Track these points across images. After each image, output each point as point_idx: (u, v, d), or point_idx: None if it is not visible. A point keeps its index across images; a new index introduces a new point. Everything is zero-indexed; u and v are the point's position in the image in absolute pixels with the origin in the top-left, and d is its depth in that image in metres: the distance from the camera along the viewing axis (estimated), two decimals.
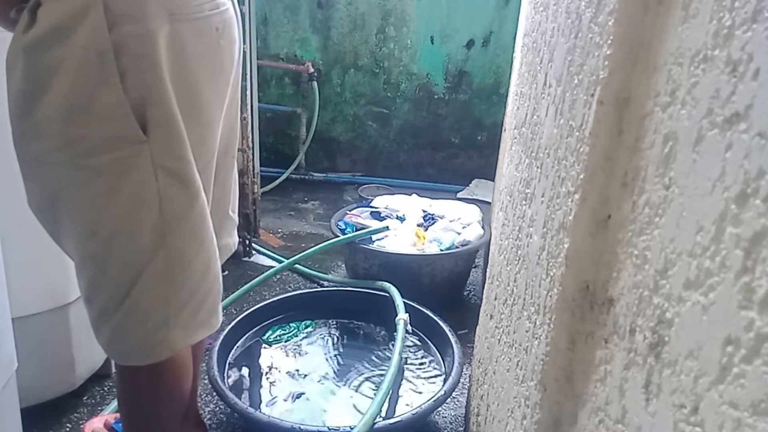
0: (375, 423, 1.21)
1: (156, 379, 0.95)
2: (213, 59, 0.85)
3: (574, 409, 0.51)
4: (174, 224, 0.81)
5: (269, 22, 3.19)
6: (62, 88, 0.73)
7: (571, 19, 0.60)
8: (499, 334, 0.94)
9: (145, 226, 0.80)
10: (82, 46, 0.72)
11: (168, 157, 0.79)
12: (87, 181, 0.78)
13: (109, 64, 0.72)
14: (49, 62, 0.73)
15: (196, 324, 0.88)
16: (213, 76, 0.86)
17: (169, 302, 0.84)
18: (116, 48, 0.72)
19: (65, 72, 0.73)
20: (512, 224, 0.91)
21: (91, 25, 0.71)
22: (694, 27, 0.35)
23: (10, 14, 0.79)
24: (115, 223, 0.80)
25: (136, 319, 0.84)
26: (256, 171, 2.33)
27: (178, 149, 0.79)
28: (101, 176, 0.77)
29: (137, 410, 1.01)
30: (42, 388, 1.37)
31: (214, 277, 0.90)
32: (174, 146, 0.79)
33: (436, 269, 1.97)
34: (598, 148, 0.48)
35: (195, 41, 0.80)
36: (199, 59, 0.82)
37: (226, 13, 0.87)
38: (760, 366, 0.26)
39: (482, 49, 3.14)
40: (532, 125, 0.81)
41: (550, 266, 0.58)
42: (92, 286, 0.84)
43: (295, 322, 1.80)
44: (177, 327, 0.85)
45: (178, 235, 0.82)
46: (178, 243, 0.82)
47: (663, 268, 0.36)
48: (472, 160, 3.38)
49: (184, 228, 0.83)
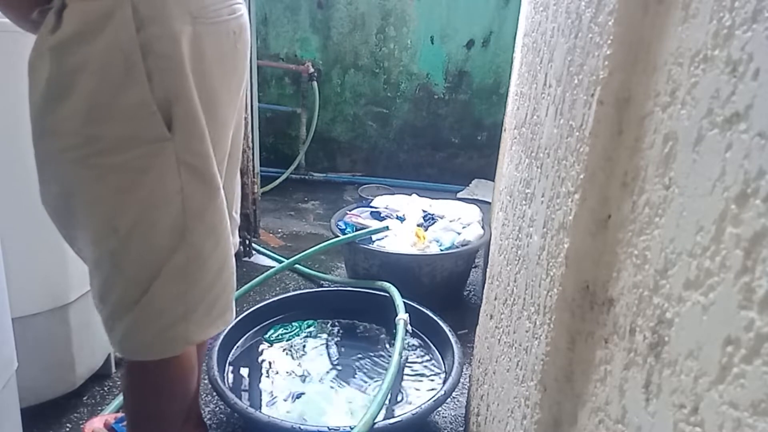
0: (375, 423, 1.21)
1: (163, 376, 0.96)
2: (229, 62, 0.88)
3: (574, 409, 0.51)
4: (195, 220, 0.83)
5: (269, 22, 3.19)
6: (87, 87, 0.75)
7: (571, 19, 0.60)
8: (499, 334, 0.94)
9: (166, 223, 0.81)
10: (109, 47, 0.74)
11: (191, 153, 0.81)
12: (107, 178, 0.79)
13: (137, 64, 0.74)
14: (76, 63, 0.75)
15: (211, 319, 0.90)
16: (229, 78, 0.89)
17: (187, 298, 0.86)
18: (143, 49, 0.74)
19: (91, 72, 0.75)
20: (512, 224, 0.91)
21: (118, 26, 0.73)
22: (694, 27, 0.35)
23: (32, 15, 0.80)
24: (136, 219, 0.81)
25: (154, 314, 0.85)
26: (256, 171, 2.33)
27: (201, 146, 0.82)
28: (123, 173, 0.79)
29: (142, 407, 1.02)
30: (42, 388, 1.37)
31: (229, 273, 0.92)
32: (197, 143, 0.81)
33: (436, 269, 1.97)
34: (598, 148, 0.48)
35: (214, 44, 0.83)
36: (218, 61, 0.84)
37: (242, 19, 0.90)
38: (760, 366, 0.26)
39: (482, 49, 3.15)
40: (532, 125, 0.81)
41: (550, 266, 0.58)
42: (108, 284, 0.85)
43: (297, 321, 1.80)
44: (193, 322, 0.87)
45: (198, 232, 0.84)
46: (197, 239, 0.84)
47: (663, 268, 0.36)
48: (472, 160, 3.38)
49: (204, 224, 0.84)
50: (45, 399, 1.38)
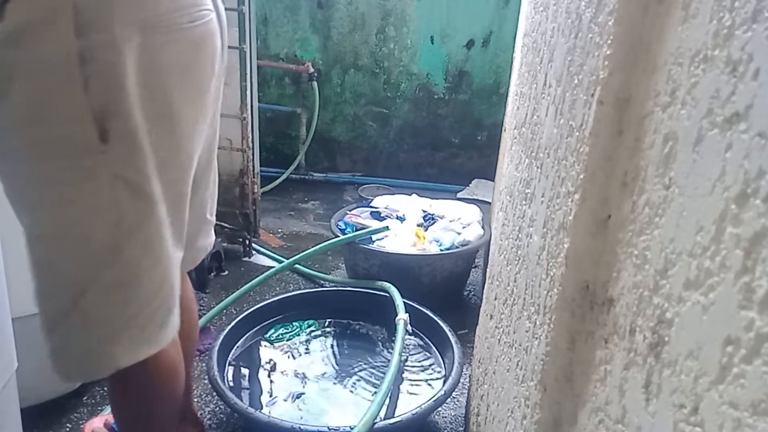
0: (375, 423, 1.21)
1: (146, 383, 0.94)
2: (191, 72, 0.83)
3: (574, 409, 0.51)
4: (129, 236, 0.79)
5: (269, 22, 3.19)
6: (26, 88, 0.72)
7: (571, 19, 0.60)
8: (499, 334, 0.94)
9: (97, 236, 0.78)
10: (49, 48, 0.70)
11: (127, 168, 0.77)
12: (42, 183, 0.76)
13: (74, 70, 0.71)
14: (13, 61, 0.71)
15: (143, 340, 0.85)
16: (190, 89, 0.84)
17: (118, 316, 0.82)
18: (81, 55, 0.71)
19: (29, 73, 0.71)
20: (512, 224, 0.91)
21: (60, 28, 0.70)
22: (694, 27, 0.35)
23: None
24: (65, 230, 0.77)
25: (82, 330, 0.81)
26: (256, 171, 2.33)
27: (139, 162, 0.78)
28: (57, 181, 0.75)
29: (129, 414, 1.01)
30: (42, 388, 1.37)
31: (167, 293, 0.87)
32: (134, 159, 0.77)
33: (436, 269, 1.97)
34: (598, 148, 0.48)
35: (170, 54, 0.79)
36: (175, 72, 0.80)
37: (208, 25, 0.85)
38: (760, 366, 0.26)
39: (482, 49, 3.15)
40: (532, 125, 0.81)
41: (550, 266, 0.58)
42: (40, 290, 0.82)
43: (298, 321, 1.80)
44: (122, 342, 0.83)
45: (132, 248, 0.80)
46: (131, 256, 0.80)
47: (663, 268, 0.36)
48: (472, 160, 3.38)
49: (139, 241, 0.81)
50: (45, 399, 1.38)
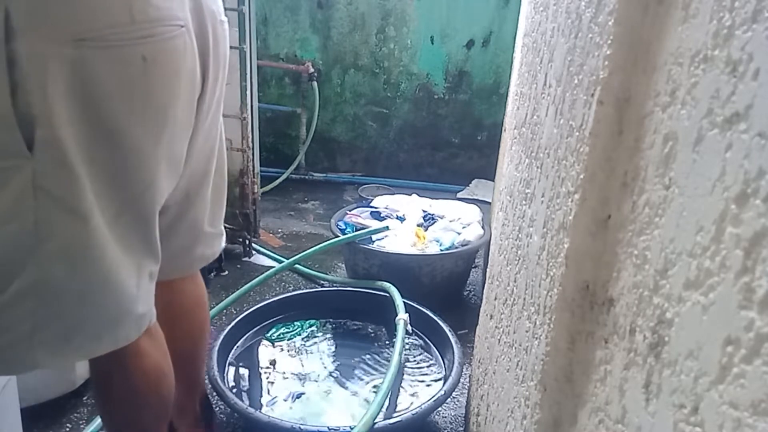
0: (375, 423, 1.21)
1: (129, 387, 0.94)
2: (139, 89, 0.81)
3: (574, 409, 0.51)
4: (48, 246, 0.79)
5: (269, 22, 3.19)
6: None
7: (571, 19, 0.60)
8: (499, 334, 0.94)
9: (14, 240, 0.77)
10: None
11: (50, 180, 0.76)
12: None
13: (2, 74, 0.70)
14: None
15: (69, 349, 0.85)
16: (139, 106, 0.82)
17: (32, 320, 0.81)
18: (10, 60, 0.70)
19: None
20: (512, 224, 0.91)
21: None
22: (694, 27, 0.35)
23: None
24: None
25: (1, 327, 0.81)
26: (256, 171, 2.33)
27: (64, 174, 0.77)
28: None
29: (115, 417, 1.01)
30: (42, 388, 1.37)
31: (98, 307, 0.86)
32: (59, 171, 0.76)
33: (436, 269, 1.97)
34: (598, 148, 0.48)
35: (112, 69, 0.77)
36: (116, 88, 0.78)
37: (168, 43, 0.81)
38: (760, 366, 0.26)
39: (482, 49, 3.15)
40: (532, 125, 0.81)
41: (550, 266, 0.58)
42: None
43: (298, 321, 1.80)
44: (40, 347, 0.82)
45: (51, 257, 0.79)
46: (49, 264, 0.80)
47: (663, 268, 0.36)
48: (472, 160, 3.38)
49: (59, 251, 0.80)
50: (45, 399, 1.38)
